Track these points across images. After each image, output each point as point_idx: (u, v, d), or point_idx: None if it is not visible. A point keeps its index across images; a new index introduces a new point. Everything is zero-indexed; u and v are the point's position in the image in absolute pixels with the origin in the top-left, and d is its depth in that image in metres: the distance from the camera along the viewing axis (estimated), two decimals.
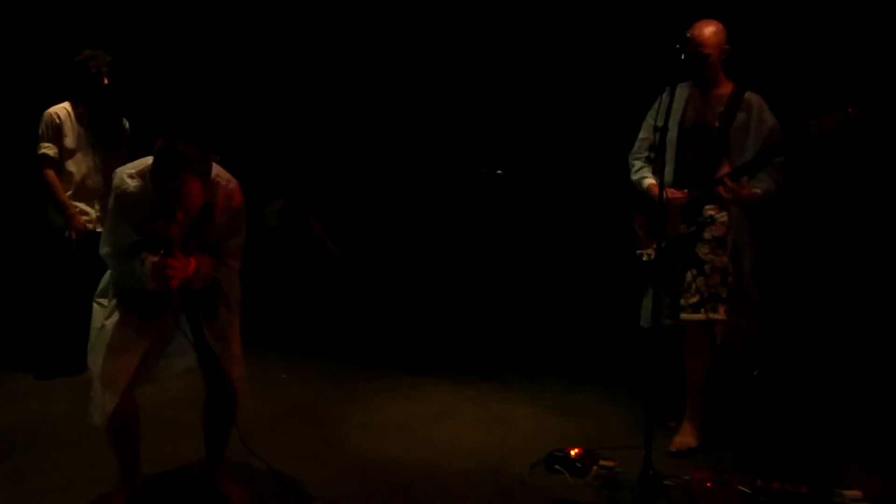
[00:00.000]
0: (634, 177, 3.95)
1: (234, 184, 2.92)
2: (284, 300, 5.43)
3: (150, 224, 2.76)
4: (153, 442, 3.21)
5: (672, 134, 3.60)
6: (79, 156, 4.56)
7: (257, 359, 3.24)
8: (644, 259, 3.85)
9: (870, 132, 3.78)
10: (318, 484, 3.32)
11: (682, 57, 3.31)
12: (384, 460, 3.60)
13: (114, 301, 2.93)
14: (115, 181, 2.83)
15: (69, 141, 4.54)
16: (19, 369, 4.61)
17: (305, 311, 5.49)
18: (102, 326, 2.90)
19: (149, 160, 2.76)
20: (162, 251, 2.73)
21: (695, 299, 3.66)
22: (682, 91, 3.74)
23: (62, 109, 4.55)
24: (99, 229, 4.46)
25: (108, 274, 3.02)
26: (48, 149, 4.51)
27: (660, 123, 3.30)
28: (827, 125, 3.36)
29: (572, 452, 3.54)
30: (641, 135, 3.97)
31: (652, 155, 3.83)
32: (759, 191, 3.62)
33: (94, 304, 2.99)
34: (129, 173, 2.82)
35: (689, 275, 3.68)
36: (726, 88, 3.73)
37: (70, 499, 3.10)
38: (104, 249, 2.92)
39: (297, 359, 5.05)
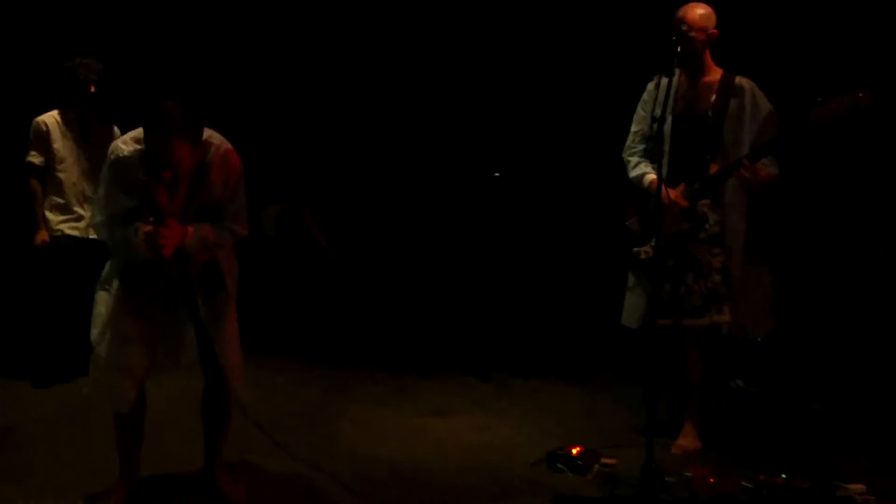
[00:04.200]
0: (633, 174, 3.79)
1: (227, 145, 2.90)
2: (282, 305, 5.41)
3: (143, 187, 2.73)
4: (151, 440, 3.17)
5: (666, 125, 3.48)
6: (68, 162, 4.57)
7: (255, 363, 3.22)
8: (642, 257, 3.75)
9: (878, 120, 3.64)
10: (316, 482, 3.30)
11: (679, 48, 3.25)
12: (383, 459, 3.58)
13: (119, 287, 2.90)
14: (110, 149, 2.83)
15: (58, 148, 4.55)
16: (15, 376, 4.57)
17: (303, 315, 5.48)
18: (111, 313, 2.88)
19: None
20: (152, 219, 2.70)
21: (698, 302, 3.58)
22: (663, 84, 3.45)
23: (50, 117, 4.57)
24: (91, 236, 4.45)
25: (110, 261, 2.99)
26: (34, 157, 4.54)
27: (658, 112, 3.23)
28: (833, 112, 3.22)
29: (573, 451, 3.52)
30: (634, 128, 3.82)
31: (649, 145, 3.69)
32: (771, 173, 3.48)
33: (99, 291, 2.95)
34: (123, 140, 2.83)
35: (688, 277, 3.60)
36: (715, 75, 3.62)
37: (65, 498, 3.06)
38: (97, 218, 2.90)
39: (295, 363, 5.03)
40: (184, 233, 2.77)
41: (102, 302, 2.92)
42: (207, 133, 2.85)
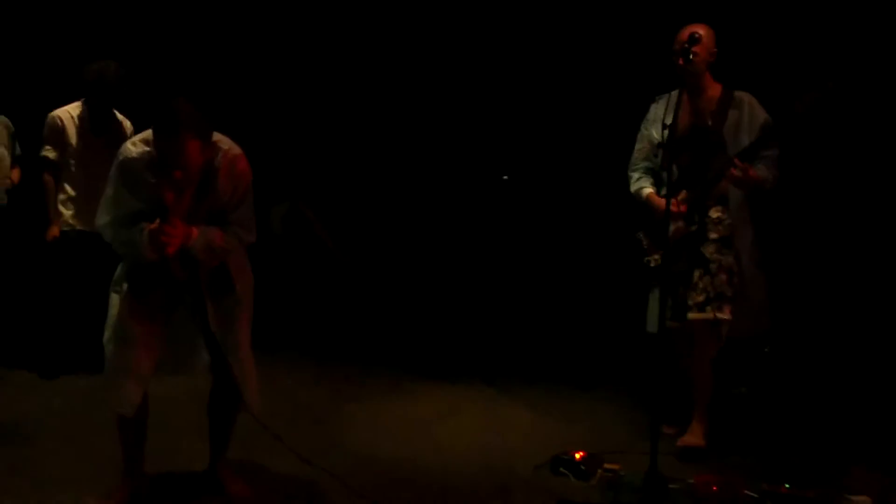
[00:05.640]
0: (633, 188, 3.99)
1: (237, 149, 2.89)
2: (289, 304, 5.42)
3: (152, 190, 2.73)
4: (157, 438, 3.19)
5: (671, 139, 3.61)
6: (83, 158, 4.58)
7: (260, 362, 3.24)
8: (652, 265, 3.85)
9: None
10: (322, 480, 3.30)
11: (689, 58, 3.35)
12: (387, 458, 3.59)
13: (127, 289, 2.91)
14: (120, 150, 2.83)
15: (73, 143, 4.57)
16: (23, 368, 4.61)
17: (309, 314, 5.49)
18: (118, 315, 2.88)
19: None
20: (159, 219, 2.70)
21: (700, 298, 3.67)
22: (672, 98, 3.75)
23: (65, 112, 4.59)
24: None
25: (122, 263, 2.99)
26: (48, 152, 4.57)
27: (668, 120, 3.29)
28: (809, 100, 3.43)
29: (577, 455, 3.51)
30: (637, 145, 4.02)
31: (654, 162, 3.91)
32: (761, 175, 3.65)
33: (111, 294, 2.96)
34: (132, 141, 2.83)
35: (695, 274, 3.70)
36: (715, 91, 3.80)
37: (72, 492, 3.08)
38: (102, 219, 2.89)
39: (299, 362, 5.05)
40: (188, 233, 2.77)
41: (114, 304, 2.93)
42: (216, 137, 2.84)
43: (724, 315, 3.67)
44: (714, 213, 3.73)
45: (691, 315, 3.68)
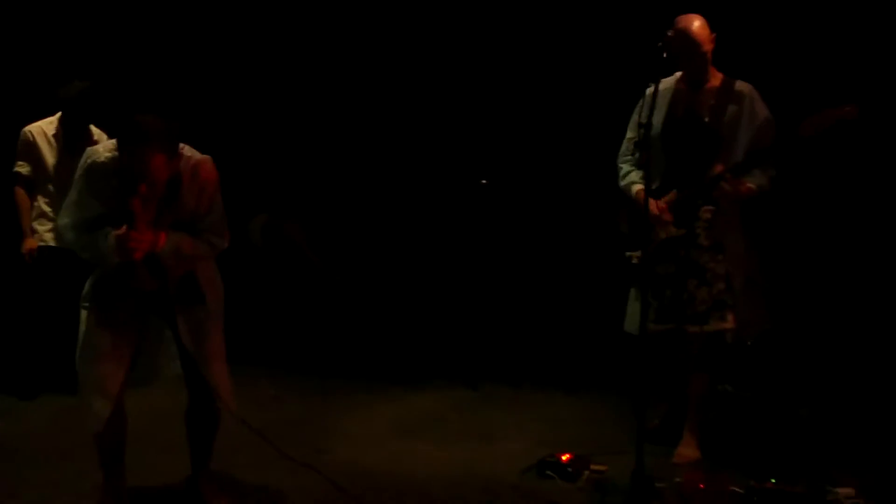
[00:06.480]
0: (623, 182, 3.78)
1: (200, 158, 2.87)
2: (269, 316, 5.38)
3: (117, 196, 2.71)
4: (138, 454, 3.15)
5: (656, 131, 3.44)
6: (56, 173, 4.52)
7: (243, 375, 3.19)
8: (633, 262, 3.68)
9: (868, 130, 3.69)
10: (306, 492, 3.27)
11: (665, 54, 3.25)
12: (371, 469, 3.55)
13: (93, 302, 2.88)
14: (86, 153, 2.82)
15: (47, 159, 4.52)
16: (1, 391, 4.52)
17: (290, 325, 5.45)
18: (85, 329, 2.85)
19: None
20: (125, 225, 2.68)
21: (702, 309, 3.54)
22: (668, 86, 3.59)
23: (37, 127, 4.54)
24: None
25: (90, 277, 2.95)
26: (21, 167, 4.52)
27: (644, 120, 3.22)
28: (821, 125, 3.24)
29: (563, 458, 3.50)
30: (628, 135, 3.78)
31: (638, 154, 3.65)
32: (753, 186, 3.48)
33: (81, 310, 2.92)
34: (102, 146, 2.82)
35: (690, 283, 3.56)
36: (716, 80, 3.58)
37: None
38: (64, 220, 2.87)
39: (282, 374, 5.01)
40: (156, 238, 2.74)
41: (83, 320, 2.90)
42: (181, 145, 2.82)
43: (728, 324, 3.55)
44: (705, 214, 3.55)
45: (692, 328, 3.56)
